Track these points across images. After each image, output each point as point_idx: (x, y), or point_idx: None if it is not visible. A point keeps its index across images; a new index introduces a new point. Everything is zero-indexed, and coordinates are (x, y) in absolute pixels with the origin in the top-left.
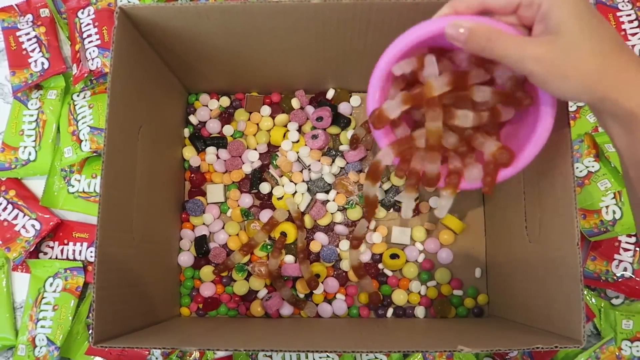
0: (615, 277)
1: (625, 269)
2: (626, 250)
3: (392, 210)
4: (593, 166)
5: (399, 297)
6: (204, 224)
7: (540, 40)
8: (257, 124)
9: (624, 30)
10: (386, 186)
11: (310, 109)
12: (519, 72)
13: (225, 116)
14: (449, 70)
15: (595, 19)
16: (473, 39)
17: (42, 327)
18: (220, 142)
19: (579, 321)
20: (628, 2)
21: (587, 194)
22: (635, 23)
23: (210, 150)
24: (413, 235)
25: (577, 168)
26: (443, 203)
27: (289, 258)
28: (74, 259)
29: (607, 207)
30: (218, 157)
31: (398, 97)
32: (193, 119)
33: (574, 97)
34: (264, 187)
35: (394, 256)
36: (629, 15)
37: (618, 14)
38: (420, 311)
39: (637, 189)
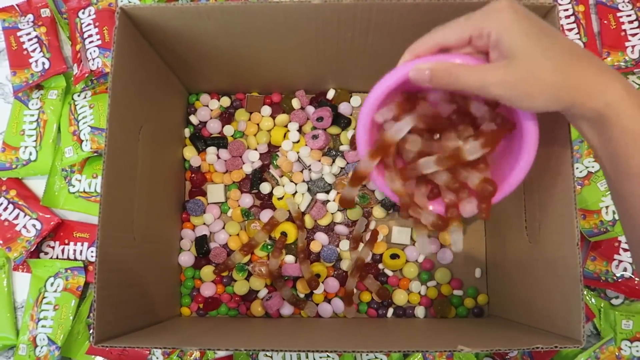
0: (615, 277)
1: (625, 269)
2: (626, 250)
3: (392, 210)
4: (593, 166)
5: (399, 297)
6: (204, 223)
7: (498, 65)
8: (258, 124)
9: (624, 30)
10: None
11: (310, 109)
12: (487, 97)
13: (226, 116)
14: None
15: (544, 34)
16: (436, 76)
17: (43, 326)
18: (220, 142)
19: (578, 321)
20: (628, 2)
21: (587, 194)
22: (636, 23)
23: (211, 150)
24: (413, 235)
25: (577, 168)
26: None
27: (290, 258)
28: (75, 259)
29: (607, 207)
30: (218, 157)
31: (366, 154)
32: (193, 119)
33: (545, 110)
34: (265, 187)
35: (394, 256)
36: (629, 15)
37: (618, 14)
38: (420, 311)
39: (619, 189)
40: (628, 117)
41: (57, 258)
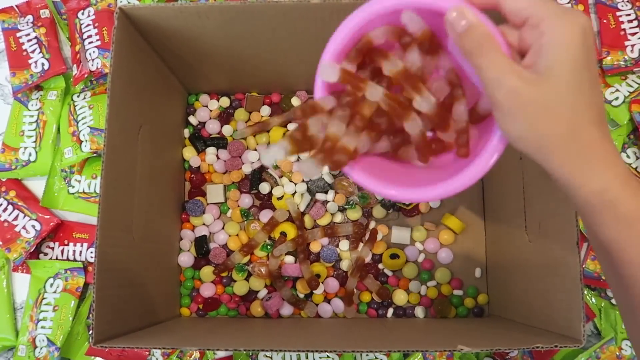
0: None
1: None
2: None
3: (391, 210)
4: None
5: (399, 297)
6: (204, 224)
7: (524, 76)
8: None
9: (624, 30)
10: None
11: None
12: (486, 93)
13: (225, 116)
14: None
15: (587, 82)
16: (468, 35)
17: (43, 327)
18: (220, 142)
19: (578, 320)
20: (627, 1)
21: None
22: (635, 23)
23: (210, 150)
24: (413, 235)
25: None
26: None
27: (289, 258)
28: (74, 260)
29: None
30: (218, 158)
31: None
32: (193, 119)
33: (520, 149)
34: (264, 188)
35: (394, 256)
36: (629, 15)
37: (618, 13)
38: (420, 311)
39: (619, 276)
40: (623, 204)
41: (56, 259)
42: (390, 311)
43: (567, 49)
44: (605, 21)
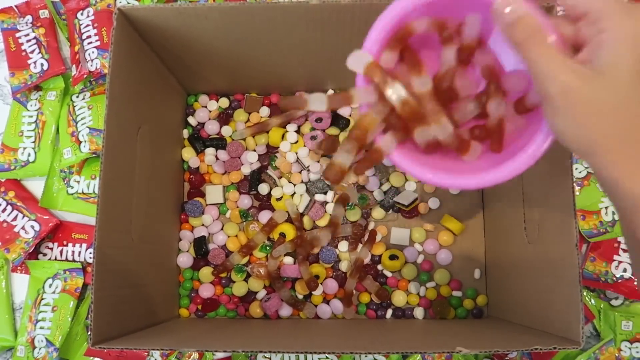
0: (614, 278)
1: (624, 270)
2: (626, 251)
3: (391, 211)
4: None
5: (398, 298)
6: (203, 225)
7: (579, 72)
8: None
9: None
10: (385, 187)
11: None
12: (536, 87)
13: (224, 117)
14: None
15: None
16: (517, 26)
17: (41, 328)
18: (219, 142)
19: (577, 322)
20: (628, 2)
21: (586, 194)
22: None
23: (210, 151)
24: (412, 236)
25: (576, 169)
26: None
27: (288, 259)
28: (73, 260)
29: (606, 208)
30: (217, 158)
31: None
32: (192, 120)
33: (568, 146)
34: (263, 188)
35: (393, 257)
36: None
37: None
38: (419, 312)
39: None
40: None
41: (55, 259)
42: (389, 312)
43: (629, 48)
44: None
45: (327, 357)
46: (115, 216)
